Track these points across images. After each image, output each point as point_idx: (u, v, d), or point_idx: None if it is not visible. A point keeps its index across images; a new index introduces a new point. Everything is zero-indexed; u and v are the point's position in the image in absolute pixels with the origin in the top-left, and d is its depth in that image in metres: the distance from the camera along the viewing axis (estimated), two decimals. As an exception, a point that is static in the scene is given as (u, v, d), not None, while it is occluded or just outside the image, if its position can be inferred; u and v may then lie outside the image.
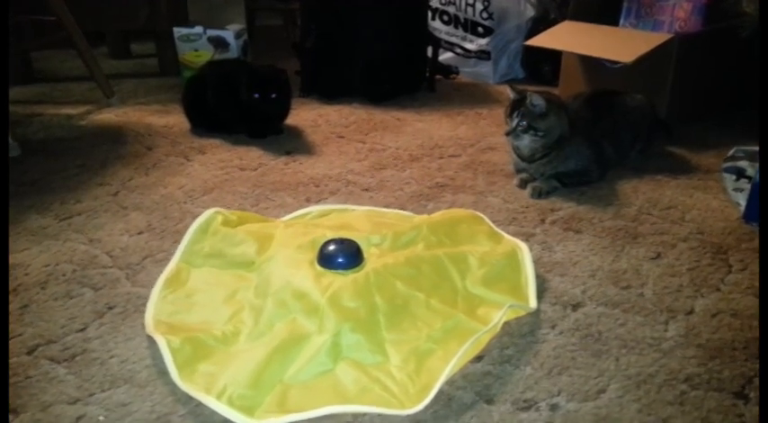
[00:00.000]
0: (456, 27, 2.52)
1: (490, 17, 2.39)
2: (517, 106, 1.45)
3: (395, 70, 2.20)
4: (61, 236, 1.31)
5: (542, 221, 1.36)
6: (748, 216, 1.34)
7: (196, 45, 2.43)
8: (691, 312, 1.06)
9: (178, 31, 2.42)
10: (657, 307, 1.07)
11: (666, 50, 1.73)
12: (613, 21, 1.98)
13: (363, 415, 0.84)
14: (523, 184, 1.51)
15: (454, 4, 2.49)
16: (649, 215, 1.38)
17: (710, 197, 1.46)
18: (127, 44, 2.91)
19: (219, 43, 2.43)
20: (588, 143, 1.51)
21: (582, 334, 1.00)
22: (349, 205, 1.44)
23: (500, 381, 0.91)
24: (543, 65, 2.33)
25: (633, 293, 1.11)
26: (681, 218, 1.37)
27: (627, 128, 1.60)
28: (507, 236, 1.25)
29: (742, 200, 1.39)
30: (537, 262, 1.18)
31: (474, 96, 2.29)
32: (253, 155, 1.74)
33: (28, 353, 0.97)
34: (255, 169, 1.65)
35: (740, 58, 1.83)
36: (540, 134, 1.44)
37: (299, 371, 0.90)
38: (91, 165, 1.68)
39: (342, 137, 1.87)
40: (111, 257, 1.23)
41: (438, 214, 1.30)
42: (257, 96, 1.76)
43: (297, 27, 2.57)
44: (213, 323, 1.01)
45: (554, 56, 2.09)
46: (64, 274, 1.17)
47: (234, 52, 2.43)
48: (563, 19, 2.04)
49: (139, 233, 1.32)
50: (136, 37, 2.93)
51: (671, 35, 1.76)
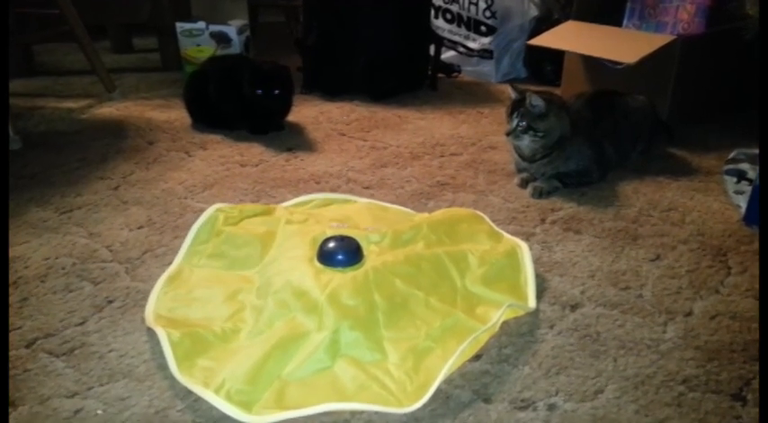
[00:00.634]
0: (459, 26, 2.51)
1: (493, 16, 2.39)
2: (517, 106, 1.45)
3: (396, 68, 2.20)
4: (61, 229, 1.31)
5: (542, 221, 1.36)
6: (749, 219, 1.34)
7: (198, 40, 2.43)
8: (689, 314, 1.06)
9: (180, 26, 2.42)
10: (656, 308, 1.07)
11: (669, 52, 1.73)
12: (617, 21, 1.97)
13: (361, 412, 0.85)
14: (524, 184, 1.51)
15: (457, 3, 2.48)
16: (649, 216, 1.38)
17: (711, 199, 1.46)
18: (129, 38, 2.91)
19: (222, 39, 2.43)
20: (589, 144, 1.51)
21: (580, 334, 1.00)
22: (351, 196, 1.44)
23: (498, 380, 0.91)
24: (546, 64, 2.33)
25: (632, 294, 1.11)
26: (681, 220, 1.37)
27: (628, 129, 1.60)
28: (507, 235, 1.25)
29: (742, 202, 1.39)
30: (536, 262, 1.18)
31: (476, 95, 2.28)
32: (254, 151, 1.74)
33: (27, 346, 0.97)
34: (256, 165, 1.65)
35: (743, 61, 1.83)
36: (540, 135, 1.44)
37: (298, 367, 0.90)
38: (92, 159, 1.68)
39: (343, 134, 1.87)
40: (110, 251, 1.23)
41: (438, 213, 1.30)
42: (260, 92, 1.76)
43: (299, 24, 2.56)
44: (213, 320, 1.01)
45: (556, 56, 2.09)
46: (63, 268, 1.18)
47: (236, 48, 2.43)
48: (566, 19, 2.04)
49: (139, 228, 1.32)
50: (138, 31, 2.93)
51: (674, 37, 1.76)
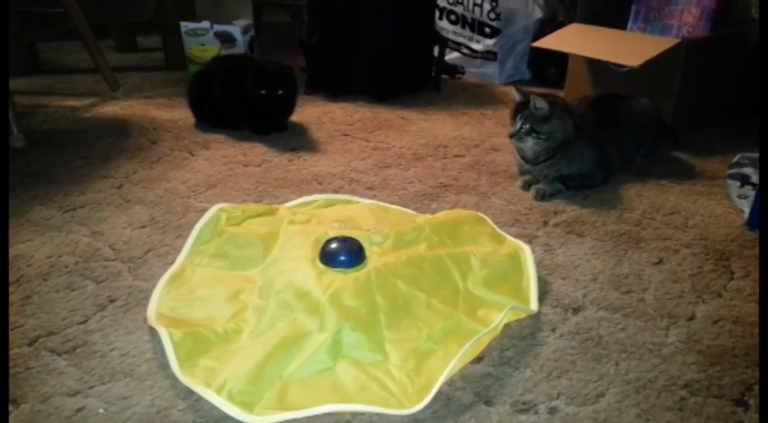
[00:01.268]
0: (463, 27, 2.51)
1: (497, 18, 2.39)
2: (521, 109, 1.45)
3: (400, 68, 2.20)
4: (64, 228, 1.32)
5: (545, 224, 1.36)
6: (752, 223, 1.34)
7: (203, 40, 2.43)
8: (692, 318, 1.05)
9: (185, 26, 2.42)
10: (658, 312, 1.07)
11: (674, 55, 1.73)
12: (621, 24, 1.97)
13: (362, 414, 0.85)
14: (527, 186, 1.51)
15: (462, 4, 2.48)
16: (652, 220, 1.38)
17: (714, 203, 1.45)
18: (133, 37, 2.91)
19: (226, 38, 2.43)
20: (593, 146, 1.50)
21: (582, 337, 1.00)
22: (353, 197, 1.44)
23: (499, 382, 0.91)
24: (549, 67, 2.33)
25: (634, 298, 1.10)
26: (684, 223, 1.37)
27: (632, 132, 1.60)
28: (510, 237, 1.25)
29: (746, 207, 1.39)
30: (539, 264, 1.18)
31: (479, 97, 2.28)
32: (257, 151, 1.74)
33: (29, 344, 0.97)
34: (259, 165, 1.65)
35: (747, 65, 1.83)
36: (543, 137, 1.44)
37: (299, 368, 0.90)
38: (95, 157, 1.68)
39: (346, 135, 1.87)
40: (113, 250, 1.23)
41: (441, 214, 1.30)
42: (264, 92, 1.76)
43: (303, 24, 2.57)
44: (215, 320, 1.01)
45: (560, 58, 2.08)
46: (66, 266, 1.18)
47: (240, 48, 2.44)
48: (570, 21, 2.04)
49: (142, 227, 1.33)
50: (142, 30, 2.94)
51: (678, 40, 1.76)
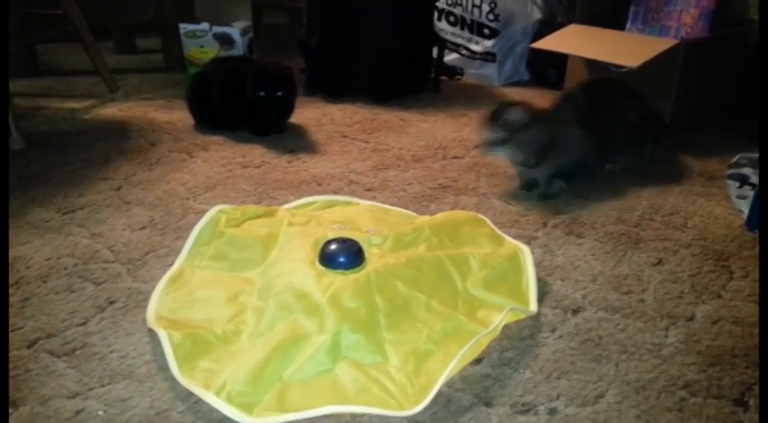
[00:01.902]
0: (462, 28, 2.51)
1: (496, 19, 2.39)
2: (495, 118, 1.42)
3: (399, 69, 2.20)
4: (63, 229, 1.32)
5: (544, 225, 1.36)
6: (751, 223, 1.34)
7: (202, 41, 2.43)
8: (691, 319, 1.05)
9: (184, 27, 2.42)
10: (658, 313, 1.07)
11: (672, 56, 1.73)
12: (620, 25, 1.97)
13: (362, 415, 0.84)
14: (526, 187, 1.51)
15: (461, 6, 2.49)
16: (652, 221, 1.38)
17: (714, 204, 1.45)
18: (132, 39, 2.91)
19: (225, 40, 2.43)
20: (583, 132, 1.47)
21: (582, 338, 1.00)
22: (353, 198, 1.44)
23: (499, 383, 0.91)
24: (548, 68, 2.33)
25: (634, 299, 1.10)
26: (683, 224, 1.37)
27: (623, 115, 1.57)
28: (509, 238, 1.25)
29: (745, 207, 1.39)
30: (538, 265, 1.18)
31: (478, 98, 2.28)
32: (256, 152, 1.74)
33: (28, 346, 0.97)
34: (258, 167, 1.65)
35: (746, 65, 1.83)
36: (518, 147, 1.41)
37: (299, 370, 0.90)
38: (94, 159, 1.68)
39: (345, 136, 1.87)
40: (112, 252, 1.23)
41: (440, 216, 1.30)
42: (263, 94, 1.76)
43: (303, 25, 2.57)
44: (214, 321, 1.01)
45: (559, 59, 2.08)
46: (65, 268, 1.18)
47: (240, 49, 2.43)
48: (569, 22, 2.04)
49: (141, 228, 1.33)
50: (141, 32, 2.94)
51: (677, 41, 1.76)
